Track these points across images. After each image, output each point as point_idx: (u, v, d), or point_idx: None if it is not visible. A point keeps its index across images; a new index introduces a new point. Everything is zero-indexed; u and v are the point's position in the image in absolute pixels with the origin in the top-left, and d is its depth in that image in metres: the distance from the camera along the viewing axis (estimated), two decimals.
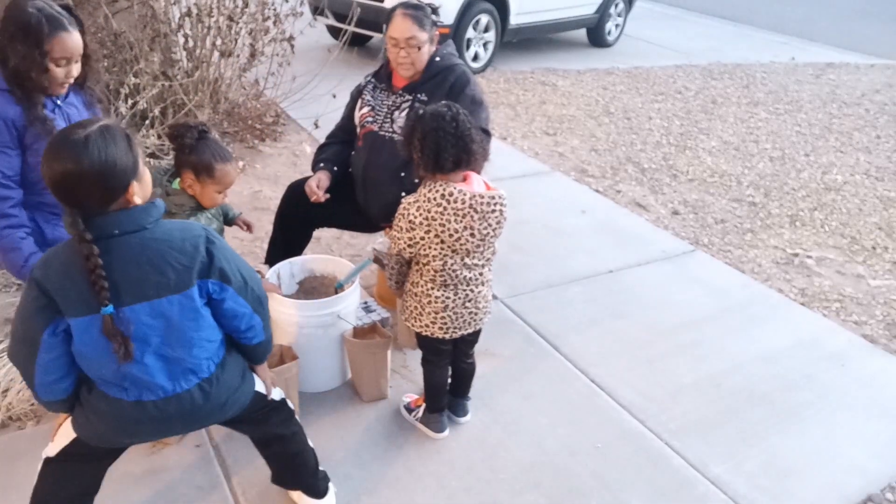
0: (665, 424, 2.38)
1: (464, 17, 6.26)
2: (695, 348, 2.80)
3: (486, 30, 6.58)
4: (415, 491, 2.05)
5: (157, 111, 3.99)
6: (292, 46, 4.39)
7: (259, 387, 1.67)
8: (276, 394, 1.74)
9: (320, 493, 1.90)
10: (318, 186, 2.54)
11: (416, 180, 2.38)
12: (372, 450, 2.18)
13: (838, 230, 4.10)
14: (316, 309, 2.26)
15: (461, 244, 1.86)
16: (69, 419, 1.54)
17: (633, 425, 2.37)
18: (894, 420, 2.50)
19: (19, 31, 1.82)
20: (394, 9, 2.51)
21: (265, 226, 2.81)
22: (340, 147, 2.72)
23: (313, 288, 2.54)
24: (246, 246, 3.30)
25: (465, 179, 1.89)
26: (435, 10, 2.57)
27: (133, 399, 1.45)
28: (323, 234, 3.28)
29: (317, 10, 6.21)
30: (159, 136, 4.00)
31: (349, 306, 2.33)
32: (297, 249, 2.74)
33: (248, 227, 2.42)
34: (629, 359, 2.70)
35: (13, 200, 1.92)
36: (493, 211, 1.86)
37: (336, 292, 2.40)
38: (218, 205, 2.15)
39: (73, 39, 1.88)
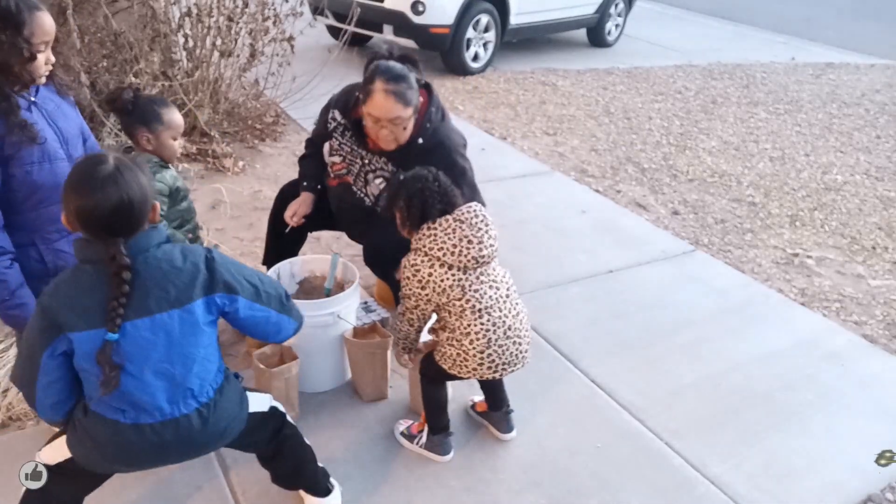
0: (665, 424, 2.38)
1: (464, 17, 6.26)
2: (694, 348, 2.80)
3: (486, 30, 6.58)
4: (415, 491, 2.05)
5: None
6: (292, 46, 4.39)
7: (253, 407, 1.66)
8: (265, 403, 1.72)
9: (322, 491, 1.89)
10: (297, 213, 2.53)
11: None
12: (372, 450, 2.18)
13: (838, 230, 4.10)
14: (316, 309, 2.26)
15: (465, 255, 1.84)
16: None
17: (632, 425, 2.37)
18: (894, 420, 2.50)
19: None
20: (372, 78, 2.18)
21: (265, 226, 2.81)
22: (320, 160, 2.62)
23: (313, 288, 2.54)
24: (246, 246, 3.30)
25: None
26: (416, 65, 2.30)
27: (130, 422, 1.44)
28: (323, 234, 3.28)
29: (317, 10, 6.21)
30: None
31: (349, 306, 2.33)
32: (292, 251, 2.74)
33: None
34: (629, 359, 2.70)
35: None
36: (476, 216, 1.87)
37: (327, 296, 2.40)
38: (177, 154, 2.20)
39: (49, 19, 1.70)
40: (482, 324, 1.88)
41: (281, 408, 1.78)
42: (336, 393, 2.42)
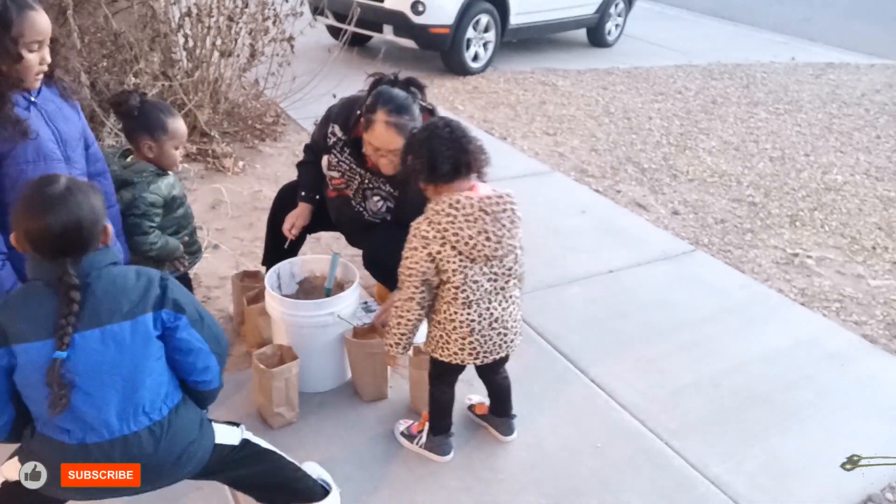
0: (665, 424, 2.38)
1: (464, 17, 6.26)
2: (695, 348, 2.80)
3: (486, 30, 6.58)
4: (415, 491, 2.05)
5: None
6: (292, 46, 4.39)
7: (220, 438, 1.60)
8: (235, 436, 1.66)
9: (316, 496, 1.83)
10: (295, 225, 2.54)
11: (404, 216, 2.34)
12: (372, 450, 2.18)
13: (838, 230, 4.10)
14: (316, 309, 2.26)
15: (478, 251, 1.78)
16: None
17: (633, 425, 2.37)
18: (894, 420, 2.50)
19: None
20: (374, 107, 2.16)
21: (265, 226, 2.81)
22: (319, 168, 2.59)
23: (313, 288, 2.54)
24: (246, 246, 3.30)
25: (471, 189, 1.82)
26: (421, 89, 2.28)
27: (76, 442, 1.39)
28: (323, 235, 3.28)
29: (317, 10, 6.21)
30: None
31: (349, 306, 2.33)
32: (292, 251, 2.73)
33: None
34: (629, 359, 2.70)
35: None
36: (505, 210, 1.80)
37: (327, 296, 2.40)
38: (177, 162, 2.18)
39: (43, 18, 1.66)
40: (468, 314, 1.86)
41: (254, 439, 1.71)
42: (336, 393, 2.42)
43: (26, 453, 1.46)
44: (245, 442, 1.67)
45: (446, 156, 1.77)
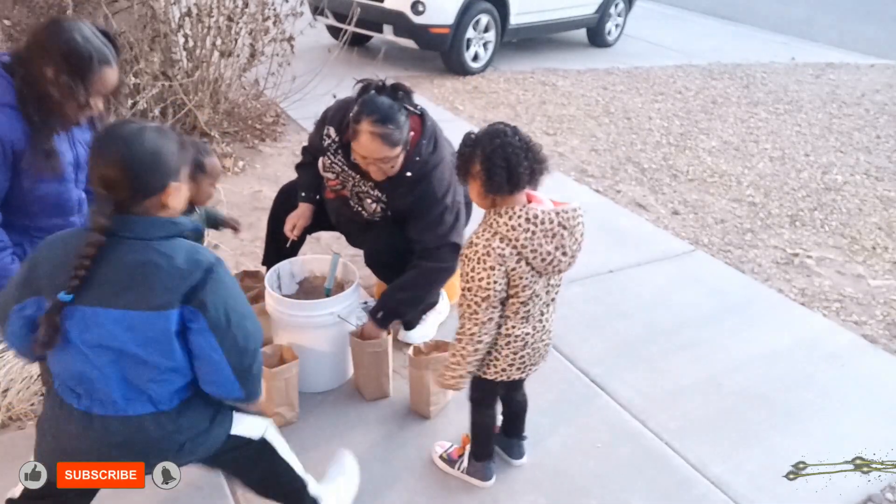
0: (665, 424, 2.38)
1: (464, 17, 6.26)
2: (695, 348, 2.80)
3: (486, 30, 6.58)
4: (415, 491, 2.05)
5: (157, 111, 3.99)
6: (292, 46, 4.39)
7: (238, 429, 1.52)
8: (257, 431, 1.56)
9: None
10: (297, 226, 2.53)
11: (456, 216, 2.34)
12: (372, 450, 2.18)
13: (838, 230, 4.10)
14: (316, 309, 2.26)
15: (553, 266, 1.69)
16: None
17: (633, 425, 2.37)
18: (894, 420, 2.50)
19: (64, 60, 1.64)
20: (359, 117, 2.11)
21: (265, 226, 2.81)
22: (317, 169, 2.57)
23: (313, 288, 2.54)
24: (246, 246, 3.30)
25: (530, 200, 1.71)
26: (409, 94, 2.24)
27: (82, 409, 1.35)
28: (323, 234, 3.28)
29: (317, 10, 6.21)
30: None
31: (349, 306, 2.33)
32: (292, 251, 2.72)
33: (235, 228, 2.45)
34: (629, 359, 2.70)
35: None
36: (578, 224, 1.71)
37: (327, 296, 2.40)
38: (212, 197, 2.16)
39: (115, 74, 1.74)
40: (524, 329, 1.79)
41: (275, 442, 1.60)
42: (337, 393, 2.42)
43: (41, 417, 1.45)
44: (263, 442, 1.57)
45: (524, 165, 1.63)
